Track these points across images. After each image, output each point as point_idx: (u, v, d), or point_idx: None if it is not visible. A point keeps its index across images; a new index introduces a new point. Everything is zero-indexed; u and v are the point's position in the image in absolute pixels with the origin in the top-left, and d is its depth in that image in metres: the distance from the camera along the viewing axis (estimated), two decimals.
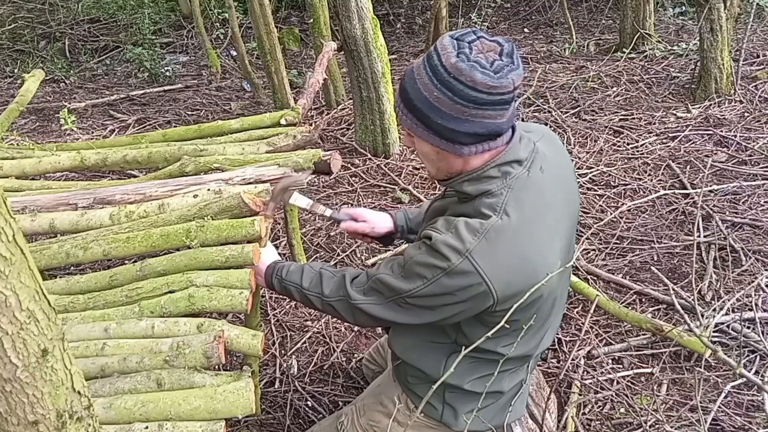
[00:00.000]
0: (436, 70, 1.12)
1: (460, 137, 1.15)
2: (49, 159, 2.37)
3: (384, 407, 1.51)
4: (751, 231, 2.82)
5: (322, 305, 1.39)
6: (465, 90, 1.10)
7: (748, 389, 2.02)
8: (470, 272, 1.14)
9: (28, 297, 0.76)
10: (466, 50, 1.11)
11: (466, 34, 1.14)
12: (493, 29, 6.68)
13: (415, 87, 1.16)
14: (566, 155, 1.40)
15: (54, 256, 1.70)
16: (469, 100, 1.10)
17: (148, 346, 1.43)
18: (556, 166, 1.30)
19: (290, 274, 1.45)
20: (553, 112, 4.27)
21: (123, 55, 6.33)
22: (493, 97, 1.10)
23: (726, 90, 4.16)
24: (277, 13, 6.72)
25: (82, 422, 0.89)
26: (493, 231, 1.15)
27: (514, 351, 1.30)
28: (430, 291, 1.19)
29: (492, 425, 1.42)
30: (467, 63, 1.09)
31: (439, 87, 1.11)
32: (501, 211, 1.17)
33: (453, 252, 1.15)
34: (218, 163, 2.09)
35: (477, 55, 1.10)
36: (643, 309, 2.45)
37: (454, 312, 1.21)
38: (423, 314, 1.25)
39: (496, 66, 1.10)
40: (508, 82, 1.10)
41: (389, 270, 1.27)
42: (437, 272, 1.17)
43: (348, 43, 3.54)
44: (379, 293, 1.29)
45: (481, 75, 1.08)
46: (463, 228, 1.17)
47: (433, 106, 1.14)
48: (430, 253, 1.19)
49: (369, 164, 3.75)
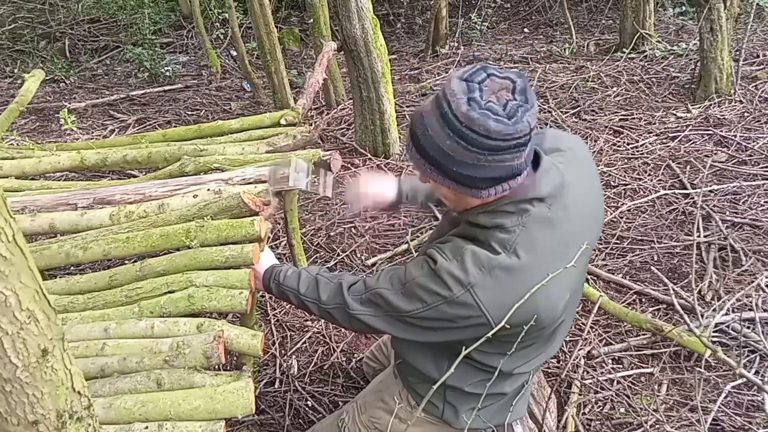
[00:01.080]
0: (448, 119, 1.07)
1: (478, 182, 1.11)
2: (49, 159, 2.37)
3: (385, 404, 1.51)
4: (751, 231, 2.82)
5: (319, 311, 1.39)
6: (479, 139, 1.05)
7: (748, 389, 2.02)
8: (470, 305, 1.14)
9: (28, 297, 0.76)
10: (476, 95, 1.05)
11: (476, 72, 1.08)
12: (493, 29, 6.69)
13: (427, 134, 1.11)
14: (594, 174, 1.36)
15: (54, 256, 1.70)
16: (485, 148, 1.06)
17: (148, 346, 1.43)
18: (582, 197, 1.25)
19: (287, 278, 1.44)
20: (553, 112, 4.27)
21: (123, 55, 6.33)
22: (509, 143, 1.06)
23: (726, 90, 4.16)
24: (277, 13, 6.72)
25: (82, 422, 0.89)
26: (500, 269, 1.14)
27: (516, 369, 1.31)
28: (429, 315, 1.19)
29: (492, 424, 1.42)
30: (479, 111, 1.04)
31: (452, 136, 1.07)
32: (511, 250, 1.14)
33: (456, 282, 1.14)
34: (218, 163, 2.09)
35: (489, 99, 1.05)
36: (643, 309, 2.44)
37: (453, 336, 1.20)
38: (421, 334, 1.25)
39: (510, 109, 1.05)
40: (523, 126, 1.05)
41: (389, 284, 1.26)
42: (438, 299, 1.17)
43: (348, 43, 3.54)
44: (377, 306, 1.28)
45: (494, 123, 1.04)
46: (470, 259, 1.15)
47: (447, 154, 1.09)
48: (432, 278, 1.17)
49: (369, 164, 3.75)
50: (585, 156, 1.36)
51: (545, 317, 1.19)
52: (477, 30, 6.30)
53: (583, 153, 1.36)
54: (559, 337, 1.40)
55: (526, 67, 5.32)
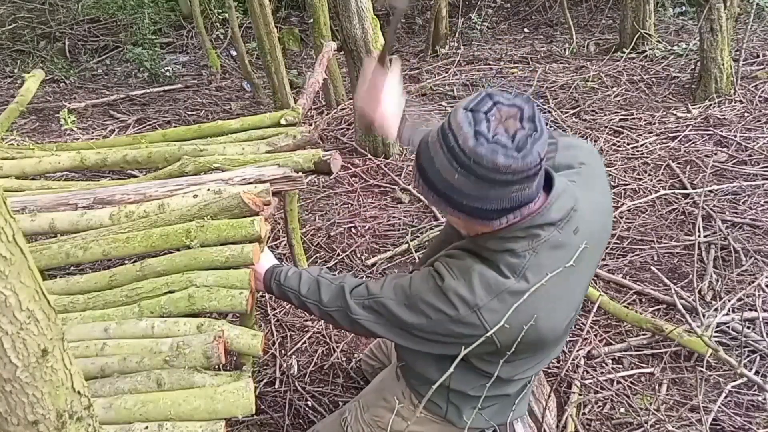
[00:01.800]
0: (455, 153, 1.04)
1: (487, 214, 1.09)
2: (49, 159, 2.37)
3: (387, 402, 1.52)
4: (751, 231, 2.82)
5: (320, 313, 1.39)
6: (488, 174, 1.02)
7: (748, 389, 2.02)
8: (477, 325, 1.13)
9: (28, 297, 0.76)
10: (483, 126, 1.02)
11: (481, 102, 1.05)
12: (493, 29, 6.68)
13: (434, 168, 1.08)
14: (606, 192, 1.34)
15: (54, 256, 1.70)
16: (494, 182, 1.03)
17: (148, 346, 1.43)
18: (591, 218, 1.22)
19: (288, 279, 1.44)
20: (553, 112, 4.27)
21: (123, 55, 6.33)
22: (519, 176, 1.03)
23: (726, 90, 4.16)
24: (277, 13, 6.71)
25: (82, 422, 0.89)
26: (508, 293, 1.13)
27: (518, 375, 1.32)
28: (432, 329, 1.19)
29: (495, 423, 1.43)
30: (487, 146, 1.01)
31: (460, 170, 1.04)
32: (520, 275, 1.13)
33: (462, 303, 1.14)
34: (218, 163, 2.09)
35: (496, 131, 1.02)
36: (644, 309, 2.44)
37: (456, 350, 1.19)
38: (423, 345, 1.25)
39: (519, 141, 1.01)
40: (533, 158, 1.02)
41: (392, 294, 1.25)
42: (443, 317, 1.16)
43: (348, 43, 3.54)
44: (379, 314, 1.27)
45: (503, 159, 1.00)
46: (478, 281, 1.14)
47: (455, 188, 1.07)
48: (438, 295, 1.17)
49: (369, 164, 3.75)
50: (599, 173, 1.34)
51: (549, 336, 1.20)
52: (477, 30, 6.30)
53: (597, 169, 1.34)
54: (561, 344, 1.41)
55: (526, 67, 5.32)
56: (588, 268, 1.26)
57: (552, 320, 1.18)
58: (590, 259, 1.24)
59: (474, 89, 4.87)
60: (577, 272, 1.19)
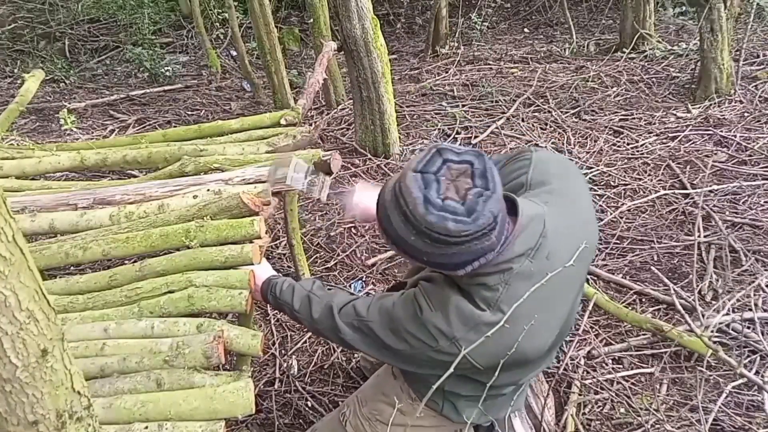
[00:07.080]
0: (407, 218, 1.05)
1: (451, 266, 1.10)
2: (49, 159, 2.37)
3: (386, 397, 1.53)
4: (751, 231, 2.82)
5: (311, 328, 1.43)
6: (441, 237, 1.03)
7: (748, 389, 2.01)
8: (456, 354, 1.14)
9: (27, 297, 0.76)
10: (432, 192, 1.02)
11: (431, 161, 1.05)
12: (493, 29, 6.69)
13: (391, 227, 1.09)
14: (585, 208, 1.30)
15: (54, 256, 1.70)
16: (449, 244, 1.04)
17: (148, 346, 1.43)
18: (566, 240, 1.18)
19: (283, 293, 1.47)
20: (553, 112, 4.27)
21: (123, 55, 6.33)
22: (474, 236, 1.03)
23: (726, 90, 4.16)
24: (277, 13, 6.72)
25: (82, 422, 0.89)
26: (484, 325, 1.14)
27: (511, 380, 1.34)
28: (415, 354, 1.22)
29: (492, 417, 1.45)
30: (437, 214, 1.01)
31: (416, 233, 1.05)
32: (495, 307, 1.14)
33: (441, 335, 1.17)
34: (218, 163, 2.09)
35: (446, 194, 1.02)
36: (643, 309, 2.44)
37: (441, 372, 1.20)
38: (409, 366, 1.30)
39: (470, 203, 1.01)
40: (485, 220, 1.02)
41: (378, 316, 1.27)
42: (424, 346, 1.19)
43: (348, 43, 3.54)
44: (366, 335, 1.30)
45: (454, 225, 1.01)
46: (454, 314, 1.15)
47: (414, 247, 1.08)
48: (418, 327, 1.19)
49: (369, 164, 3.75)
50: (573, 183, 1.30)
51: (534, 355, 1.23)
52: (477, 30, 6.30)
53: (574, 186, 1.30)
54: (552, 354, 1.40)
55: (526, 66, 5.32)
56: (572, 284, 1.26)
57: (535, 342, 1.20)
58: (575, 275, 1.23)
59: (474, 89, 4.87)
60: (560, 291, 1.20)
